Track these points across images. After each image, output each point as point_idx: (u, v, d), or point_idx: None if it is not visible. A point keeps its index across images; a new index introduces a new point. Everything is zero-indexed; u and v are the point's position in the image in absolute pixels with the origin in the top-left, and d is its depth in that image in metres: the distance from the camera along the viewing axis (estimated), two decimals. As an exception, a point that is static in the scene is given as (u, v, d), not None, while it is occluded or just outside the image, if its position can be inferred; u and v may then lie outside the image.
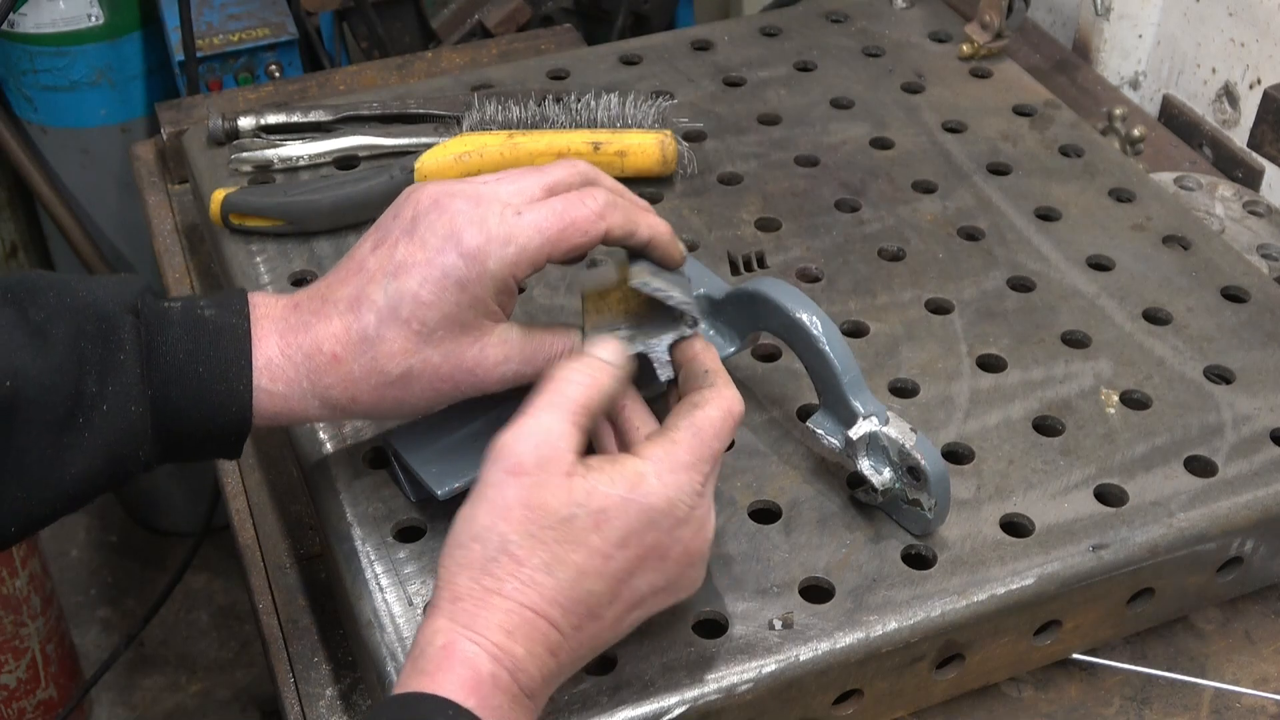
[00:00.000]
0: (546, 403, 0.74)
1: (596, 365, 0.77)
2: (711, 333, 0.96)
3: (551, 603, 0.71)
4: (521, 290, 1.00)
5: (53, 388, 0.75)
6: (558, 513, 0.72)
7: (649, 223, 0.83)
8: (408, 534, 0.88)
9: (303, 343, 0.80)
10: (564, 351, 0.83)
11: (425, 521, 0.89)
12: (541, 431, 0.73)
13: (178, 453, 0.82)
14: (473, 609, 0.71)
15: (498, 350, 0.81)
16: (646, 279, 0.83)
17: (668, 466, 0.75)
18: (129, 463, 0.79)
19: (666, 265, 0.85)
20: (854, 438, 0.87)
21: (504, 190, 0.81)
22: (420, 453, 0.88)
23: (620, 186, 0.86)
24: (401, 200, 0.83)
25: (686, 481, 0.75)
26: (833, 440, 0.88)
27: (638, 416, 0.81)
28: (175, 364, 0.79)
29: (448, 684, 0.69)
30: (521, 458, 0.72)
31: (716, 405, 0.78)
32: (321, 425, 0.95)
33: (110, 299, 0.79)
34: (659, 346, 0.84)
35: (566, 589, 0.72)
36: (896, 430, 0.86)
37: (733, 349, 0.95)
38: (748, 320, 0.94)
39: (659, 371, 0.84)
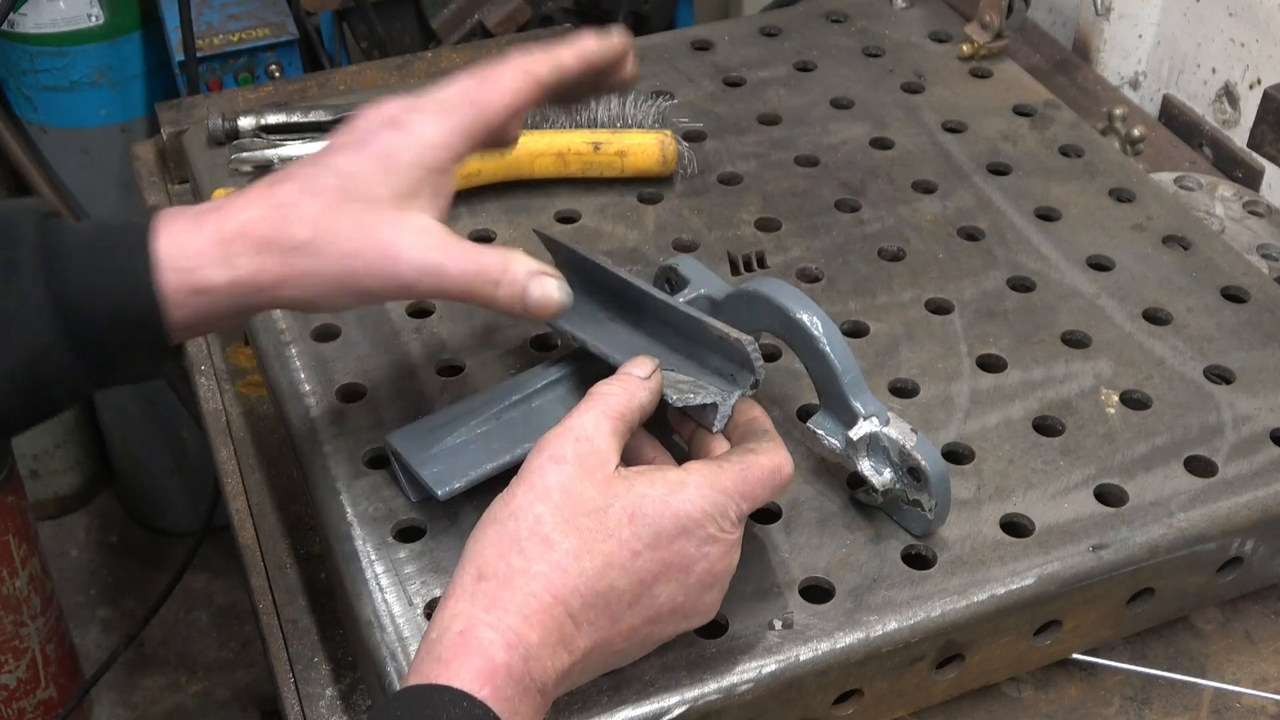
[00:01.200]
0: (587, 408, 0.78)
1: (633, 381, 0.80)
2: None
3: (574, 591, 0.72)
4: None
5: None
6: (594, 501, 0.74)
7: (571, 47, 0.86)
8: (408, 534, 0.88)
9: (216, 219, 0.78)
10: (498, 263, 0.80)
11: (425, 521, 0.89)
12: (584, 429, 0.76)
13: (98, 359, 0.78)
14: (495, 590, 0.71)
15: (414, 235, 0.79)
16: (685, 394, 0.84)
17: (709, 483, 0.76)
18: (48, 374, 0.77)
19: (614, 73, 0.88)
20: (854, 438, 0.87)
21: (433, 90, 0.83)
22: (421, 453, 0.88)
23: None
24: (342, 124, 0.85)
25: (724, 503, 0.76)
26: (833, 441, 0.88)
27: (705, 440, 0.84)
28: (75, 259, 0.77)
29: (462, 673, 0.69)
30: (563, 449, 0.75)
31: (770, 457, 0.80)
32: (322, 425, 0.95)
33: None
34: (727, 400, 0.84)
35: (591, 579, 0.72)
36: (897, 431, 0.86)
37: (733, 349, 0.96)
38: (748, 320, 0.94)
39: (717, 421, 0.84)
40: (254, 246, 0.77)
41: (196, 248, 0.77)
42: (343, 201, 0.78)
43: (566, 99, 0.90)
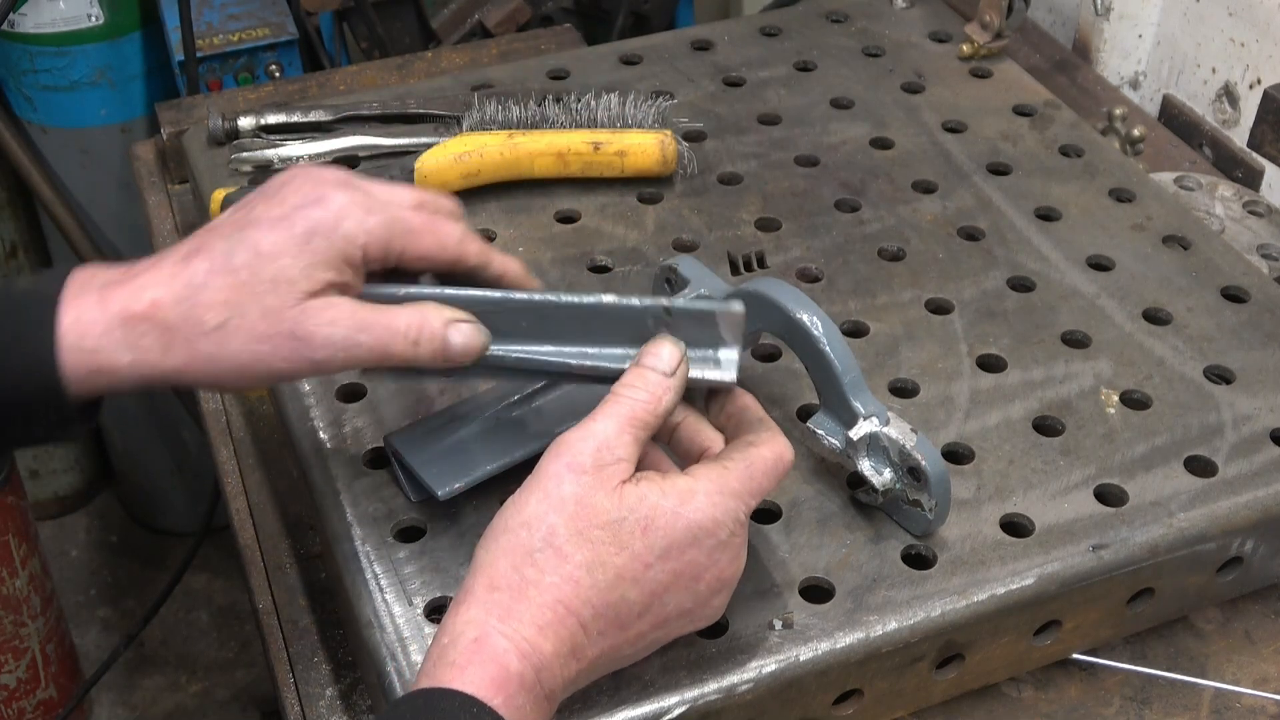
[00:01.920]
0: (609, 412, 0.77)
1: (659, 382, 0.78)
2: (712, 333, 0.96)
3: (585, 603, 0.72)
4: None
5: None
6: (608, 513, 0.73)
7: (502, 259, 0.84)
8: (408, 534, 0.88)
9: (123, 294, 0.76)
10: (414, 322, 0.78)
11: (425, 521, 0.89)
12: (603, 436, 0.75)
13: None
14: (508, 601, 0.71)
15: (322, 313, 0.76)
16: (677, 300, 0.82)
17: (717, 488, 0.76)
18: None
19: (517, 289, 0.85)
20: (854, 438, 0.87)
21: (377, 185, 0.82)
22: (421, 453, 0.88)
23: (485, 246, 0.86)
24: (273, 178, 0.82)
25: (733, 506, 0.76)
26: (833, 441, 0.88)
27: (697, 431, 0.82)
28: None
29: (475, 679, 0.69)
30: (582, 457, 0.74)
31: (770, 447, 0.79)
32: (322, 425, 0.95)
33: None
34: (730, 354, 0.82)
35: (603, 591, 0.72)
36: (897, 431, 0.86)
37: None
38: (748, 320, 0.94)
39: (724, 373, 0.82)
40: (159, 329, 0.76)
41: (101, 327, 0.76)
42: (253, 282, 0.76)
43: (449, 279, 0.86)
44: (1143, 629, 0.95)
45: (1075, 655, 0.92)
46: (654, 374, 0.79)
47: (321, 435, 0.95)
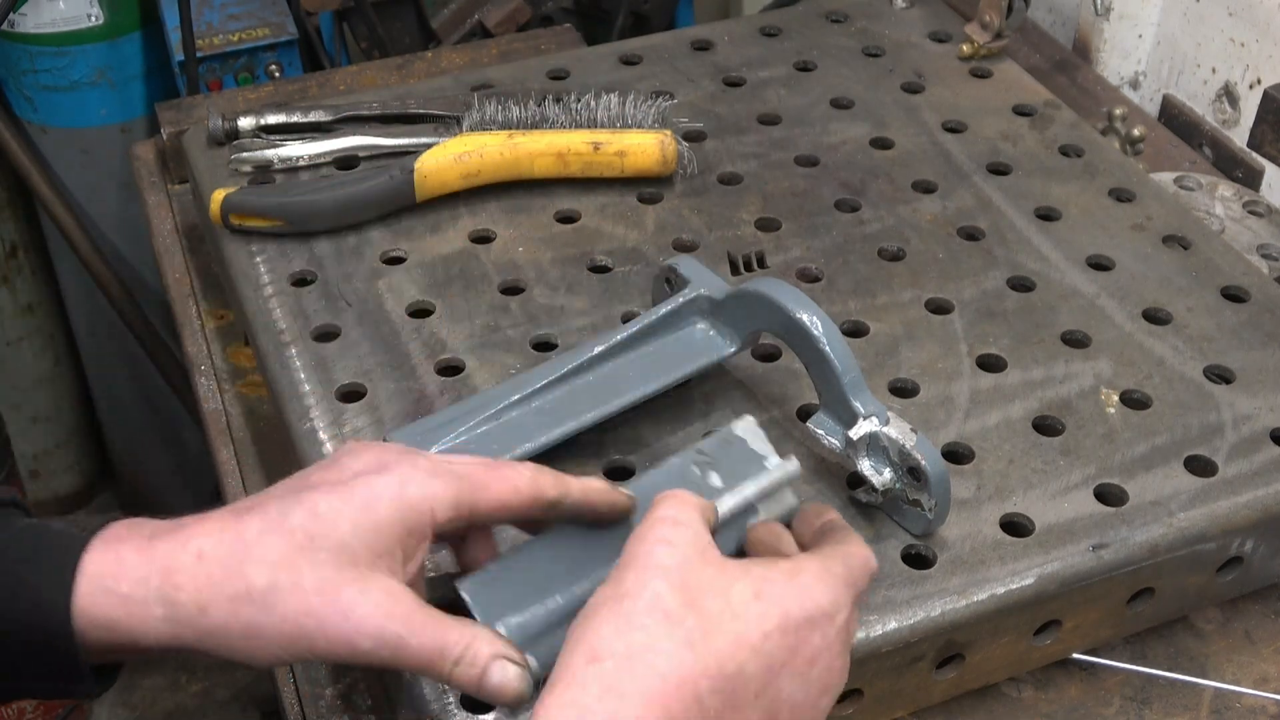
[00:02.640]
0: (672, 507, 0.71)
1: (689, 494, 0.73)
2: (712, 333, 0.96)
3: (704, 673, 0.65)
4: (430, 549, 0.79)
5: None
6: (715, 581, 0.67)
7: (581, 483, 0.76)
8: (408, 534, 0.88)
9: (169, 542, 0.70)
10: (462, 642, 0.70)
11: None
12: (683, 520, 0.70)
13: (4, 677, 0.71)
14: (613, 672, 0.64)
15: (380, 602, 0.69)
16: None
17: (824, 569, 0.71)
18: None
19: (610, 518, 0.77)
20: (854, 438, 0.87)
21: (435, 453, 0.78)
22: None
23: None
24: (332, 452, 0.78)
25: (840, 591, 0.70)
26: (833, 440, 0.88)
27: (776, 537, 0.76)
28: None
29: None
30: (669, 534, 0.69)
31: (860, 548, 0.74)
32: (322, 425, 0.95)
33: None
34: (773, 459, 0.81)
35: (721, 660, 0.65)
36: (897, 430, 0.86)
37: (733, 349, 0.96)
38: (748, 320, 0.94)
39: (775, 471, 0.80)
40: (201, 582, 0.69)
41: (141, 572, 0.69)
42: (310, 548, 0.69)
43: (535, 525, 0.80)
44: (1143, 629, 0.95)
45: (1075, 655, 0.92)
46: (675, 493, 0.73)
47: (321, 435, 0.95)
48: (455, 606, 0.75)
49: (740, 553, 0.76)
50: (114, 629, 0.69)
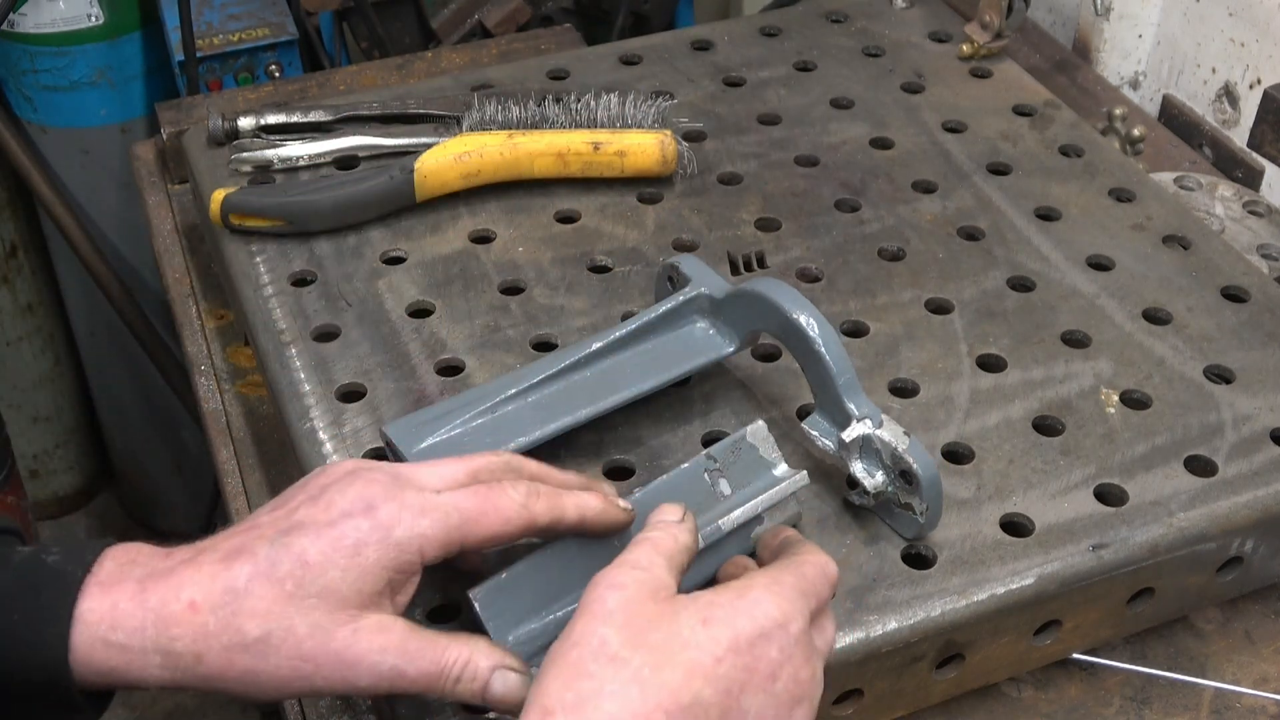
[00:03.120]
0: (636, 547, 0.73)
1: (670, 526, 0.75)
2: (712, 332, 0.96)
3: (657, 707, 0.65)
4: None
5: None
6: (662, 615, 0.68)
7: (576, 503, 0.77)
8: (408, 534, 0.88)
9: (161, 589, 0.71)
10: (460, 659, 0.72)
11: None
12: (638, 561, 0.71)
13: None
14: None
15: (374, 638, 0.71)
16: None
17: (773, 581, 0.72)
18: None
19: (609, 534, 0.79)
20: (847, 440, 0.87)
21: (425, 473, 0.76)
22: (414, 444, 0.89)
23: (546, 471, 0.81)
24: (313, 474, 0.78)
25: (794, 601, 0.71)
26: (826, 442, 0.88)
27: (742, 568, 0.79)
28: None
29: None
30: (622, 578, 0.70)
31: (814, 556, 0.76)
32: (322, 425, 0.95)
33: None
34: (782, 467, 0.84)
35: (675, 691, 0.65)
36: (889, 433, 0.86)
37: (732, 348, 0.96)
38: (747, 320, 0.94)
39: (784, 482, 0.84)
40: (196, 634, 0.71)
41: (136, 621, 0.71)
42: (300, 595, 0.70)
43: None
44: (1143, 629, 0.95)
45: (1075, 655, 0.92)
46: (664, 524, 0.76)
47: (321, 435, 0.95)
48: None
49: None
50: (112, 674, 0.72)
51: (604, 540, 0.79)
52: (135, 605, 0.71)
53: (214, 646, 0.71)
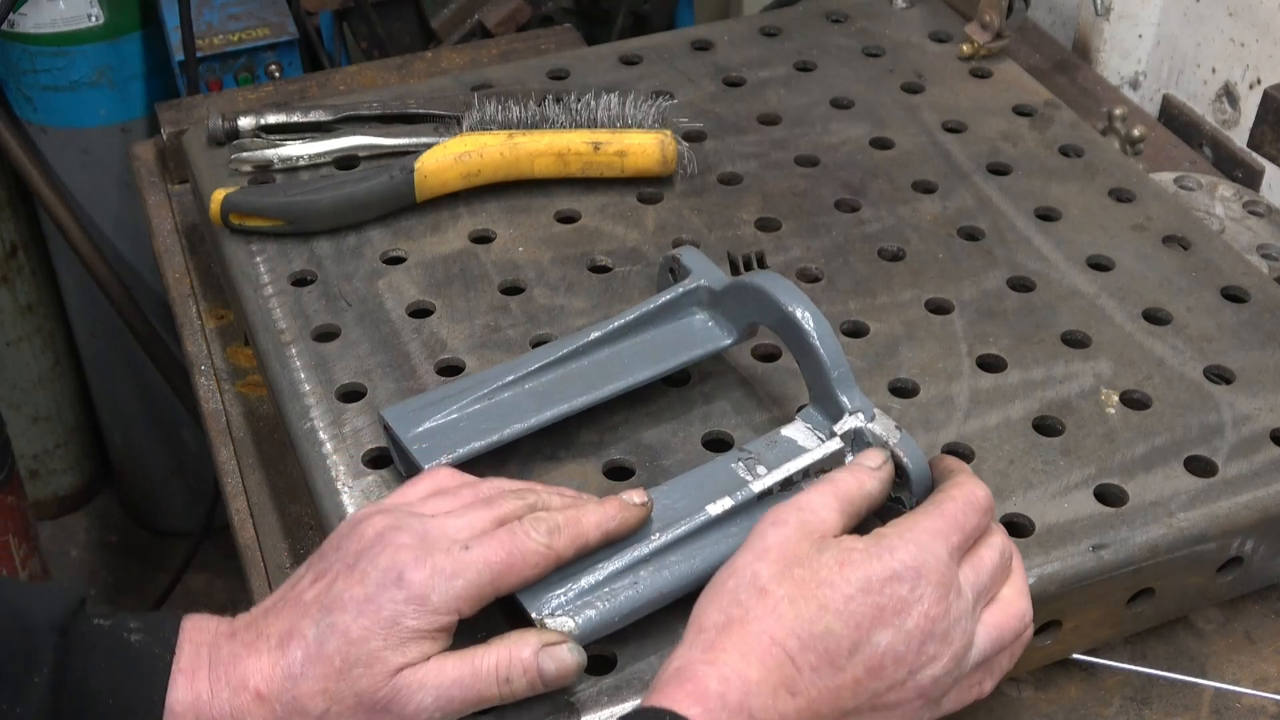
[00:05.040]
0: (815, 488, 0.81)
1: (864, 470, 0.83)
2: (710, 323, 0.97)
3: (790, 633, 0.73)
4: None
5: None
6: (809, 555, 0.76)
7: (596, 523, 0.81)
8: (408, 534, 0.88)
9: (231, 677, 0.77)
10: (501, 661, 0.77)
11: (425, 521, 0.89)
12: (809, 502, 0.80)
13: None
14: (713, 637, 0.74)
15: (412, 687, 0.76)
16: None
17: (908, 529, 0.78)
18: None
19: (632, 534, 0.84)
20: (839, 433, 0.87)
21: (451, 526, 0.79)
22: (412, 429, 0.90)
23: (567, 498, 0.84)
24: (346, 531, 0.81)
25: (930, 544, 0.77)
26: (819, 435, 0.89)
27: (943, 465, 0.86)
28: (88, 694, 0.76)
29: (673, 696, 0.71)
30: (785, 514, 0.78)
31: (961, 488, 0.82)
32: (322, 425, 0.95)
33: (41, 611, 0.77)
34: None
35: (807, 622, 0.74)
36: (881, 427, 0.86)
37: (730, 340, 0.96)
38: (745, 312, 0.94)
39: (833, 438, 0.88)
40: (269, 713, 0.76)
41: (215, 711, 0.77)
42: (347, 668, 0.76)
43: None
44: (1143, 629, 0.95)
45: (1075, 655, 0.92)
46: (860, 466, 0.84)
47: (321, 435, 0.95)
48: None
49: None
50: None
51: None
52: (212, 696, 0.77)
53: None
